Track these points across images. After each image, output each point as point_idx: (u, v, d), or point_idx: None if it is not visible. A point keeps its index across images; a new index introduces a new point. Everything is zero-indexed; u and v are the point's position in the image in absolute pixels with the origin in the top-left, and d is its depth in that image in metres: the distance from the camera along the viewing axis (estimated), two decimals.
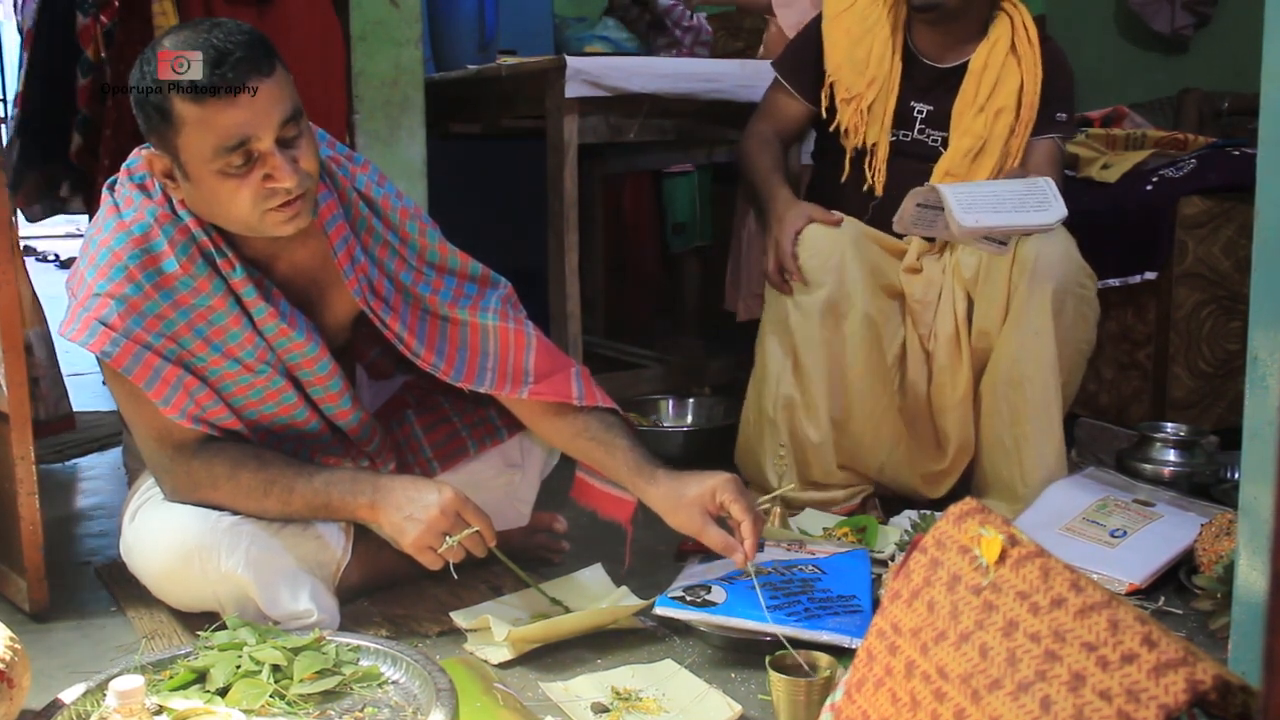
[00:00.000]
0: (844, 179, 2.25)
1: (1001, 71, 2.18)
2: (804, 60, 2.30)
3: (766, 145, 2.31)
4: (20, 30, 2.85)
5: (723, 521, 1.63)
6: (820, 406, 2.09)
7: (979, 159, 2.19)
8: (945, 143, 2.22)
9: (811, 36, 2.29)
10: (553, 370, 1.75)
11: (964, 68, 2.20)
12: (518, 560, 1.70)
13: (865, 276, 2.09)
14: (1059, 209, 1.98)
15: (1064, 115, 2.23)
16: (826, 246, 2.07)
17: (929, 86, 2.23)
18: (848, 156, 2.25)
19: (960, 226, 1.94)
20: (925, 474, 2.20)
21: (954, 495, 2.19)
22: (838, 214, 2.13)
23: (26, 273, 2.47)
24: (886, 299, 2.15)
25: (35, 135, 2.80)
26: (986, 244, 2.05)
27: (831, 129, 2.27)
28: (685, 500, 1.62)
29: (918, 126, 2.23)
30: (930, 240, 2.17)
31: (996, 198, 1.97)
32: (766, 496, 1.92)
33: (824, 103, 2.26)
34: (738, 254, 3.06)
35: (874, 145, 2.23)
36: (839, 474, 2.15)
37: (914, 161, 2.22)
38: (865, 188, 2.23)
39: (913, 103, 2.23)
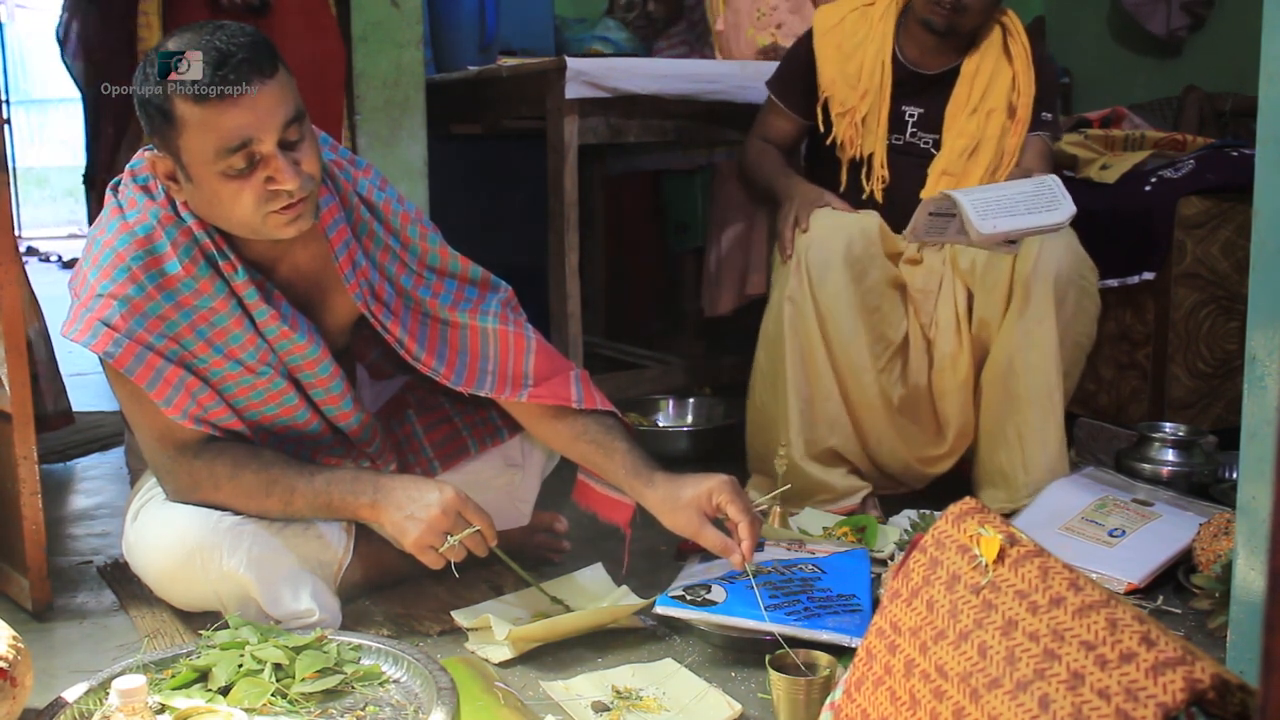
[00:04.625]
0: (842, 190, 2.29)
1: (993, 74, 2.25)
2: (796, 78, 2.36)
3: (769, 151, 2.40)
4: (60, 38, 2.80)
5: (720, 523, 1.63)
6: (822, 362, 2.11)
7: (974, 157, 2.25)
8: (937, 144, 2.27)
9: (802, 54, 2.34)
10: (552, 373, 1.76)
11: (953, 72, 2.26)
12: (518, 560, 1.70)
13: (869, 261, 2.12)
14: (1068, 207, 2.00)
15: (1049, 115, 2.29)
16: (835, 229, 2.11)
17: (919, 91, 2.28)
18: (844, 167, 2.30)
19: (979, 234, 1.95)
20: (924, 457, 2.23)
21: (953, 480, 2.21)
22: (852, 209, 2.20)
23: (24, 270, 2.47)
24: (888, 288, 2.17)
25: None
26: (999, 246, 2.06)
27: (828, 142, 2.31)
28: (682, 502, 1.62)
29: (909, 130, 2.29)
30: None
31: (1009, 201, 2.00)
32: (765, 497, 1.92)
33: (819, 118, 2.31)
34: (717, 255, 3.08)
35: (870, 156, 2.28)
36: (846, 430, 2.16)
37: (907, 162, 2.27)
38: (864, 196, 2.28)
39: (904, 107, 2.28)
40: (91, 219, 2.74)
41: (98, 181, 2.58)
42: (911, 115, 2.28)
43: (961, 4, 2.14)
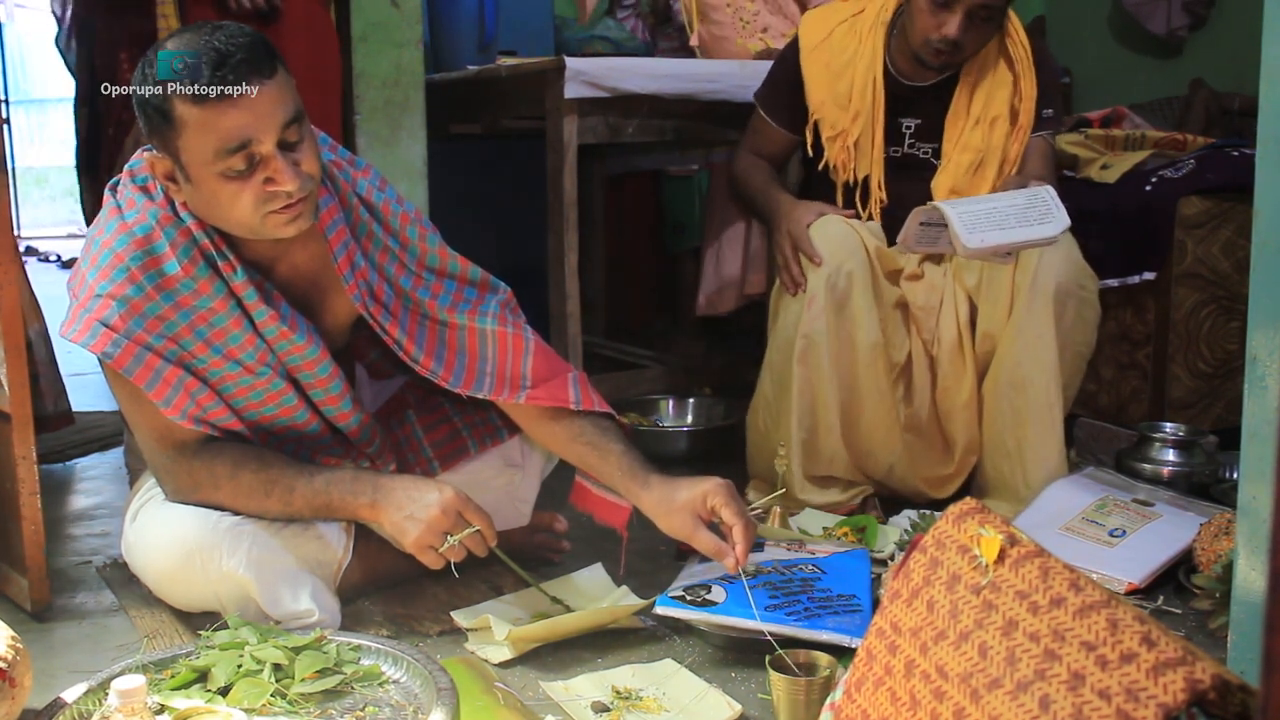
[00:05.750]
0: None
1: (993, 81, 2.18)
2: (784, 93, 2.29)
3: (758, 165, 2.34)
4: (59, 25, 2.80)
5: (716, 527, 1.63)
6: (830, 398, 2.09)
7: (980, 170, 2.19)
8: (936, 153, 2.21)
9: (789, 69, 2.27)
10: (550, 375, 1.75)
11: (950, 81, 2.19)
12: (518, 560, 1.70)
13: (871, 278, 2.10)
14: (1062, 220, 1.97)
15: (1051, 111, 2.23)
16: (836, 246, 2.08)
17: (914, 103, 2.21)
18: (839, 190, 2.25)
19: (965, 248, 1.93)
20: (931, 478, 2.20)
21: (957, 496, 2.20)
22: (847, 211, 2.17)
23: (24, 270, 2.46)
24: (890, 307, 2.15)
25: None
26: (993, 257, 2.04)
27: (820, 167, 2.25)
28: (677, 505, 1.62)
29: (907, 141, 2.22)
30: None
31: (999, 214, 1.96)
32: (761, 500, 1.92)
33: (809, 140, 2.25)
34: (714, 258, 3.07)
35: (865, 178, 2.21)
36: (847, 459, 2.14)
37: (906, 175, 2.21)
38: (863, 220, 2.21)
39: (900, 118, 2.21)
40: (86, 214, 2.73)
41: (100, 178, 2.56)
42: (909, 127, 2.21)
43: (958, 45, 2.06)
